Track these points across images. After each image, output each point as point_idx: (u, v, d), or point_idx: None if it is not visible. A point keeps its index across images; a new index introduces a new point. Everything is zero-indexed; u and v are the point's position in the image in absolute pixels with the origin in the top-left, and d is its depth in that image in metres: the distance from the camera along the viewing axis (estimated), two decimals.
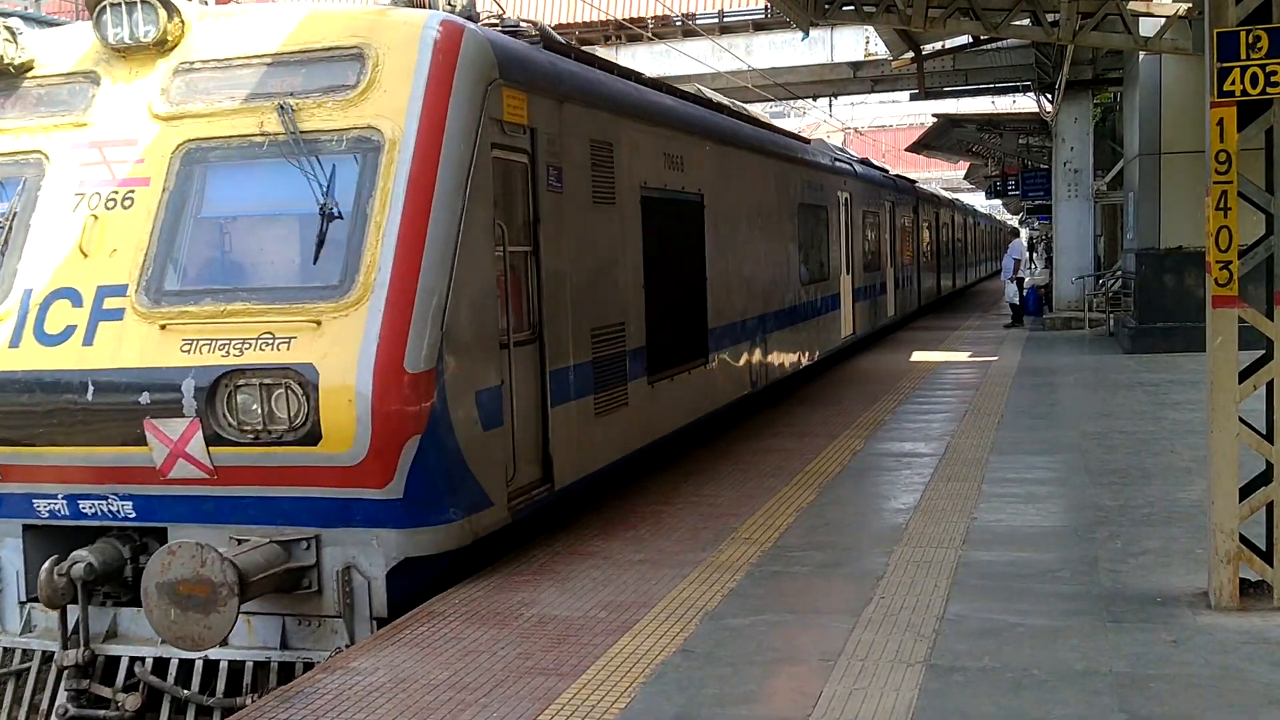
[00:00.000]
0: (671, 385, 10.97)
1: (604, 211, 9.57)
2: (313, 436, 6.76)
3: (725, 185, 12.92)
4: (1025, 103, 34.61)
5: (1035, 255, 42.86)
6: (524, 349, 8.04)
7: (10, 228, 7.45)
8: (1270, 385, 6.50)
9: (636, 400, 10.07)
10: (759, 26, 32.95)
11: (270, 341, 6.83)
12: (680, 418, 11.33)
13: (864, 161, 24.92)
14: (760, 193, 14.51)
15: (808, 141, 19.69)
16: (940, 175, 70.19)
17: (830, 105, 40.21)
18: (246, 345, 6.84)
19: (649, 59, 30.14)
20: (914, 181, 33.85)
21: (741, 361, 13.43)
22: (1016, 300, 27.97)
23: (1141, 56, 19.27)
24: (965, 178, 63.59)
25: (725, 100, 15.68)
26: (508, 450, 7.66)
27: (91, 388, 6.94)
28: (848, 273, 19.90)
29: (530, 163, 8.29)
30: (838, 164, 19.93)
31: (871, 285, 22.45)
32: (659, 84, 12.16)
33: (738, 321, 13.22)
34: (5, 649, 7.39)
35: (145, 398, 6.88)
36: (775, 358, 15.04)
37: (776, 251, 15.13)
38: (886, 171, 27.96)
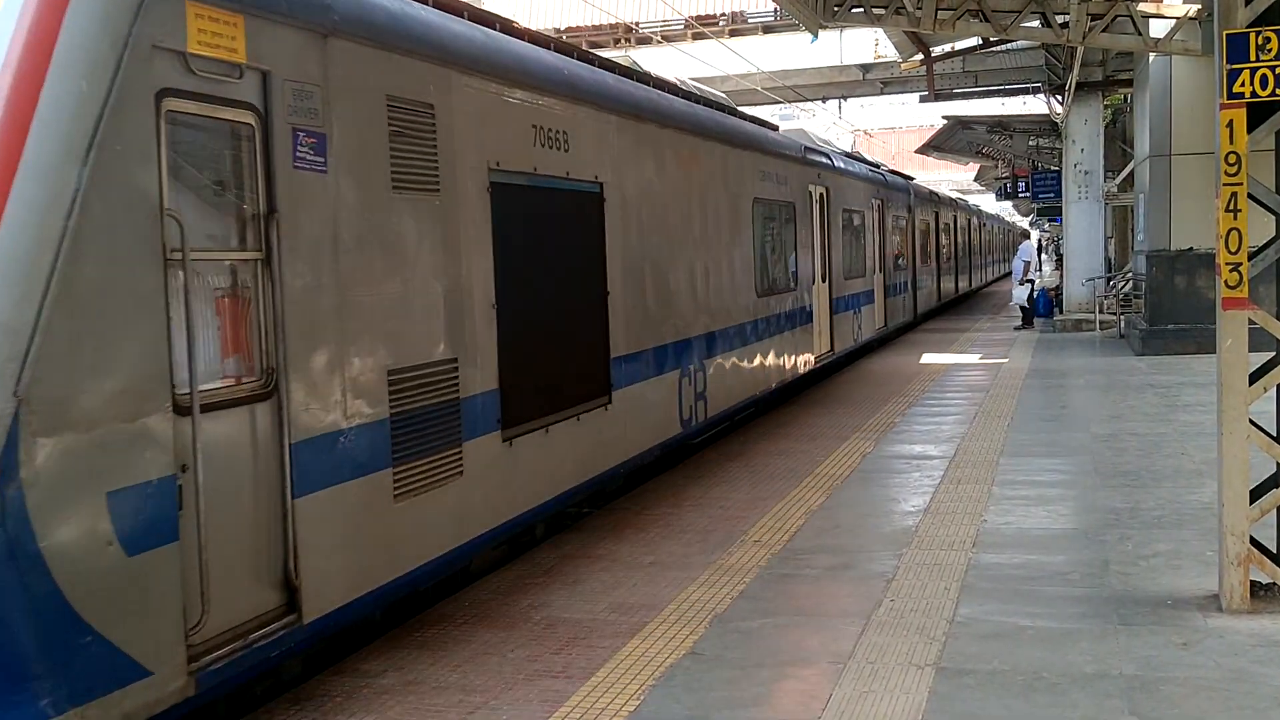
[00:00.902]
0: (546, 439, 8.23)
1: (416, 203, 6.75)
2: None
3: (642, 174, 10.24)
4: (1035, 104, 34.54)
5: (1045, 257, 42.79)
6: (239, 411, 5.35)
7: None
8: None
9: (480, 465, 7.25)
10: (768, 29, 32.96)
11: None
12: (563, 480, 8.52)
13: (851, 155, 22.72)
14: (699, 185, 11.77)
15: (773, 128, 16.79)
16: (950, 177, 70.04)
17: (840, 108, 40.15)
18: None
19: (658, 62, 30.15)
20: (910, 178, 31.22)
21: (666, 396, 10.76)
22: (1025, 302, 27.91)
23: (1151, 58, 19.24)
24: (975, 179, 63.44)
25: (684, 84, 13.36)
26: (188, 580, 4.89)
27: None
28: (824, 280, 17.32)
29: (262, 125, 5.55)
30: (810, 155, 16.97)
31: (855, 295, 19.82)
32: (542, 38, 9.19)
33: (660, 346, 10.57)
34: None
35: None
36: (720, 387, 12.31)
37: (722, 257, 12.49)
38: (879, 167, 25.73)
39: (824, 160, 17.89)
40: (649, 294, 10.38)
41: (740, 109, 15.66)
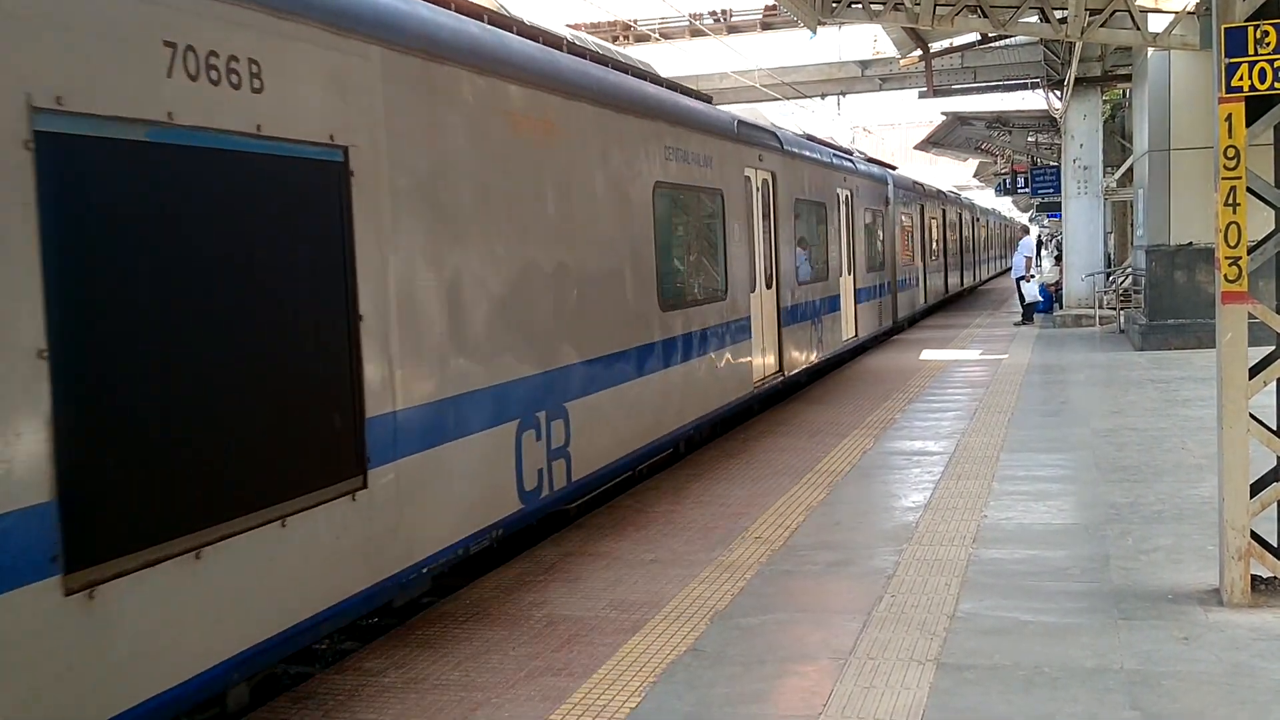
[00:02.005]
0: (191, 573, 4.96)
1: None
2: None
3: (444, 140, 7.09)
4: (1034, 100, 34.52)
5: (1045, 252, 42.78)
6: None
7: None
8: None
9: None
10: (766, 26, 32.96)
11: None
12: (243, 639, 5.26)
13: (812, 139, 19.10)
14: (555, 162, 8.61)
15: (705, 98, 13.58)
16: (949, 173, 70.06)
17: (839, 104, 40.12)
18: None
19: (656, 58, 30.14)
20: (892, 167, 28.81)
21: (491, 461, 7.54)
22: (1037, 296, 27.90)
23: (1150, 53, 19.23)
24: (975, 175, 63.43)
25: (532, 24, 9.39)
26: None
27: None
28: (769, 287, 14.53)
29: None
30: (746, 131, 13.78)
31: (815, 302, 16.73)
32: None
33: (479, 391, 7.38)
34: None
35: None
36: (596, 437, 9.17)
37: (599, 260, 9.34)
38: (852, 154, 22.86)
39: (767, 139, 14.69)
40: (458, 316, 7.14)
41: (660, 77, 12.34)
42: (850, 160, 20.89)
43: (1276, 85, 6.24)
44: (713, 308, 12.17)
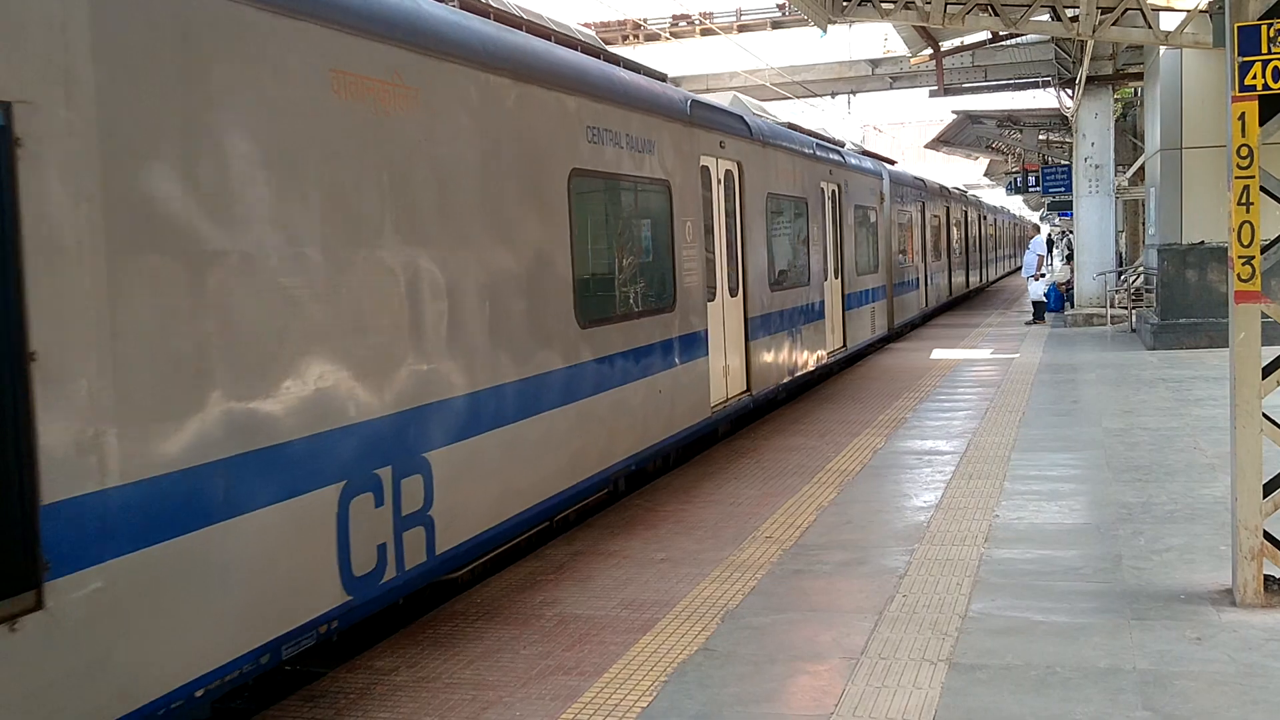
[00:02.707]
0: None
1: None
2: None
3: (190, 98, 5.09)
4: (1045, 98, 34.43)
5: (1055, 251, 42.67)
6: None
7: None
8: None
9: None
10: (776, 25, 32.94)
11: None
12: None
13: (794, 127, 17.05)
14: (405, 136, 6.60)
15: (660, 77, 11.61)
16: (960, 171, 69.95)
17: (849, 103, 40.09)
18: None
19: (666, 57, 30.21)
20: (892, 161, 26.91)
21: (295, 545, 5.60)
22: (1044, 296, 27.84)
23: (1162, 51, 19.17)
24: (985, 174, 63.31)
25: None
26: None
27: None
28: (735, 294, 12.55)
29: None
30: (700, 112, 11.66)
31: (788, 311, 14.60)
32: None
33: (264, 450, 5.39)
34: None
35: None
36: (471, 495, 7.15)
37: (474, 265, 7.27)
38: (841, 146, 20.40)
39: (731, 124, 12.68)
40: (228, 345, 5.19)
41: (596, 46, 10.63)
42: (838, 152, 18.63)
43: None
44: (655, 321, 10.10)
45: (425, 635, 6.61)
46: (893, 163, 26.61)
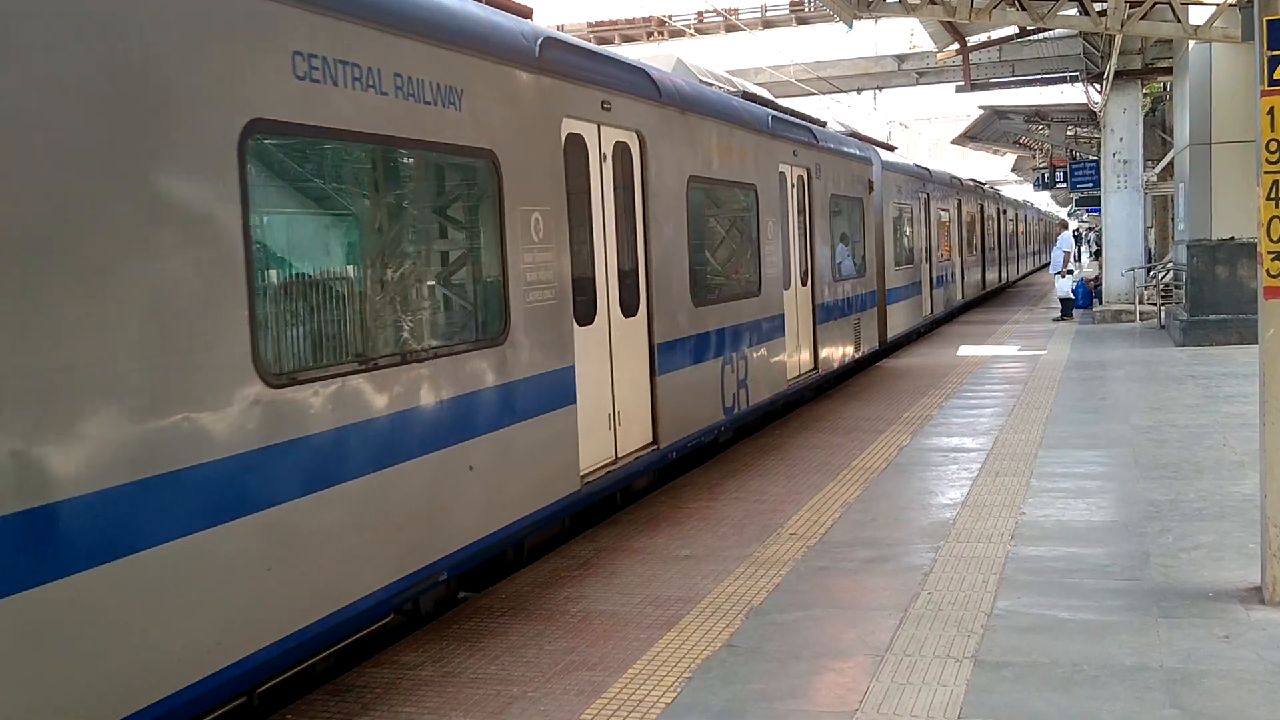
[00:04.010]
0: None
1: None
2: None
3: None
4: (1073, 93, 34.28)
5: (1083, 248, 42.40)
6: None
7: None
8: None
9: None
10: (802, 20, 32.88)
11: None
12: None
13: (751, 97, 13.81)
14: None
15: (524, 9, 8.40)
16: (987, 167, 69.66)
17: (875, 98, 39.97)
18: None
19: (690, 54, 30.21)
20: (891, 147, 23.87)
21: None
22: (1070, 293, 27.68)
23: (1191, 45, 19.02)
24: (1012, 170, 63.03)
25: None
26: None
27: None
28: (632, 314, 9.40)
29: None
30: (573, 61, 8.45)
31: (733, 330, 11.53)
32: None
33: None
34: None
35: None
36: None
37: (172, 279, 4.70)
38: (813, 122, 16.35)
39: (613, 76, 9.13)
40: None
41: None
42: (807, 129, 15.00)
43: None
44: (472, 360, 6.91)
45: (450, 631, 6.64)
46: (891, 148, 23.58)
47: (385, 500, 6.07)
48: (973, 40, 24.75)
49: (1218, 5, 16.40)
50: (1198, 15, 17.11)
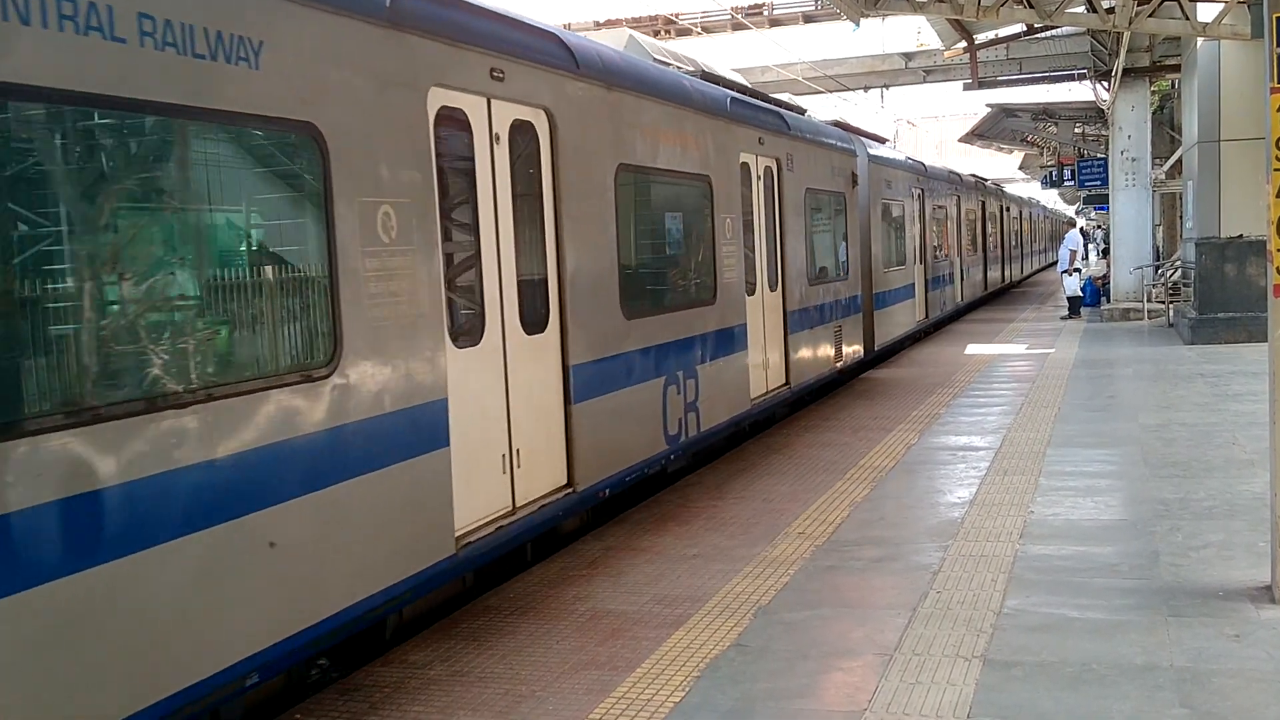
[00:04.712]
0: None
1: None
2: None
3: None
4: (1080, 91, 34.16)
5: (1090, 245, 42.30)
6: None
7: None
8: None
9: None
10: (809, 18, 32.85)
11: None
12: None
13: (712, 78, 12.28)
14: None
15: None
16: (994, 164, 69.54)
17: (882, 97, 39.92)
18: None
19: (698, 53, 30.18)
20: (880, 139, 21.93)
21: None
22: (1078, 291, 27.62)
23: (1199, 42, 18.97)
24: (1020, 167, 62.92)
25: None
26: None
27: None
28: (540, 330, 7.81)
29: None
30: (424, 9, 6.52)
31: (662, 350, 9.66)
32: None
33: None
34: None
35: None
36: None
37: None
38: (784, 106, 14.85)
39: (514, 41, 7.53)
40: None
41: None
42: (777, 115, 13.41)
43: None
44: (229, 411, 5.04)
45: (459, 630, 6.64)
46: (881, 140, 21.86)
47: (105, 608, 4.33)
48: (980, 38, 24.68)
49: (1226, 2, 16.35)
50: (1206, 12, 17.06)
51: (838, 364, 15.32)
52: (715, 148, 10.99)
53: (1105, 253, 34.16)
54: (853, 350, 16.16)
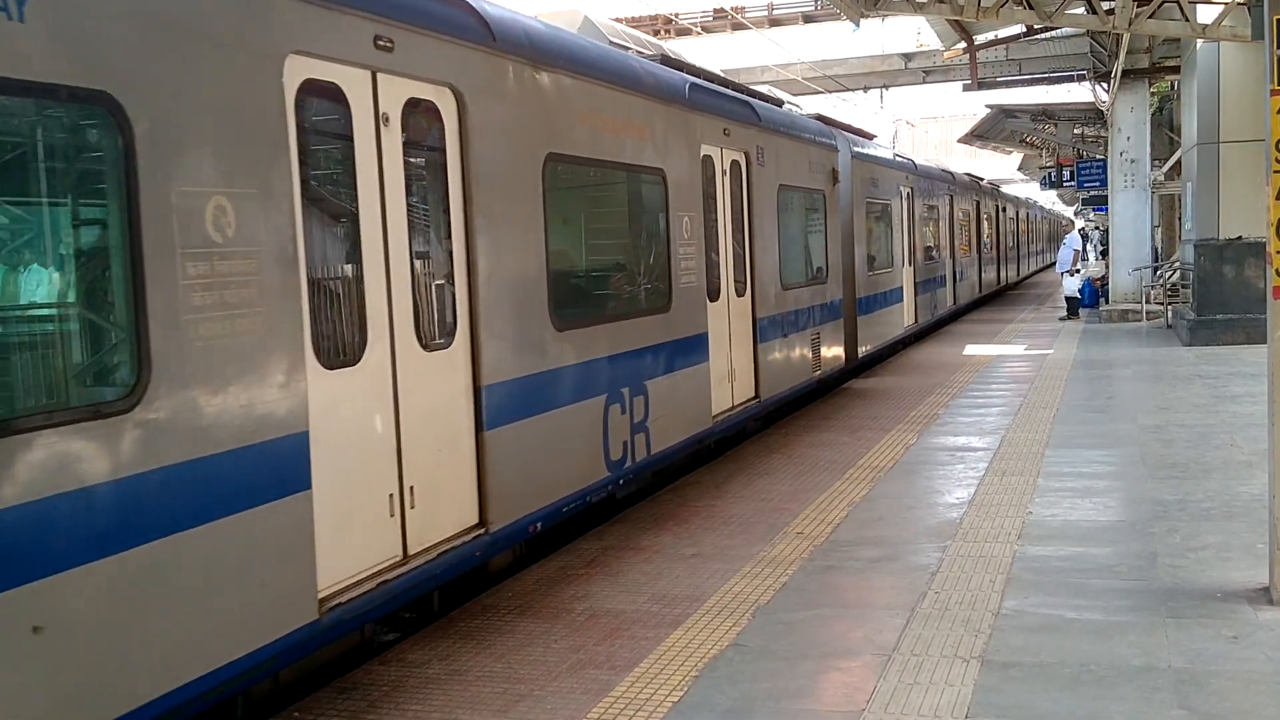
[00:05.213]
0: None
1: None
2: None
3: None
4: (1080, 92, 34.17)
5: (1090, 246, 42.29)
6: None
7: None
8: None
9: None
10: (808, 19, 32.86)
11: None
12: None
13: (668, 61, 11.12)
14: None
15: None
16: (994, 165, 69.53)
17: (881, 97, 39.92)
18: None
19: (697, 52, 30.14)
20: (868, 135, 20.80)
21: None
22: (1076, 293, 27.63)
23: (1199, 44, 18.98)
24: (1019, 169, 62.93)
25: None
26: None
27: None
28: (438, 343, 6.63)
29: None
30: None
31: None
32: None
33: None
34: None
35: None
36: None
37: None
38: (750, 93, 13.81)
39: (409, 4, 6.47)
40: None
41: None
42: (747, 106, 12.31)
43: None
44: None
45: (457, 629, 6.64)
46: (869, 136, 20.79)
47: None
48: (980, 39, 24.69)
49: (1226, 4, 16.36)
50: (1206, 14, 17.06)
51: (815, 373, 14.28)
52: (671, 138, 9.94)
53: (1104, 253, 34.18)
54: (833, 358, 15.15)
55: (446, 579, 6.63)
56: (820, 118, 17.40)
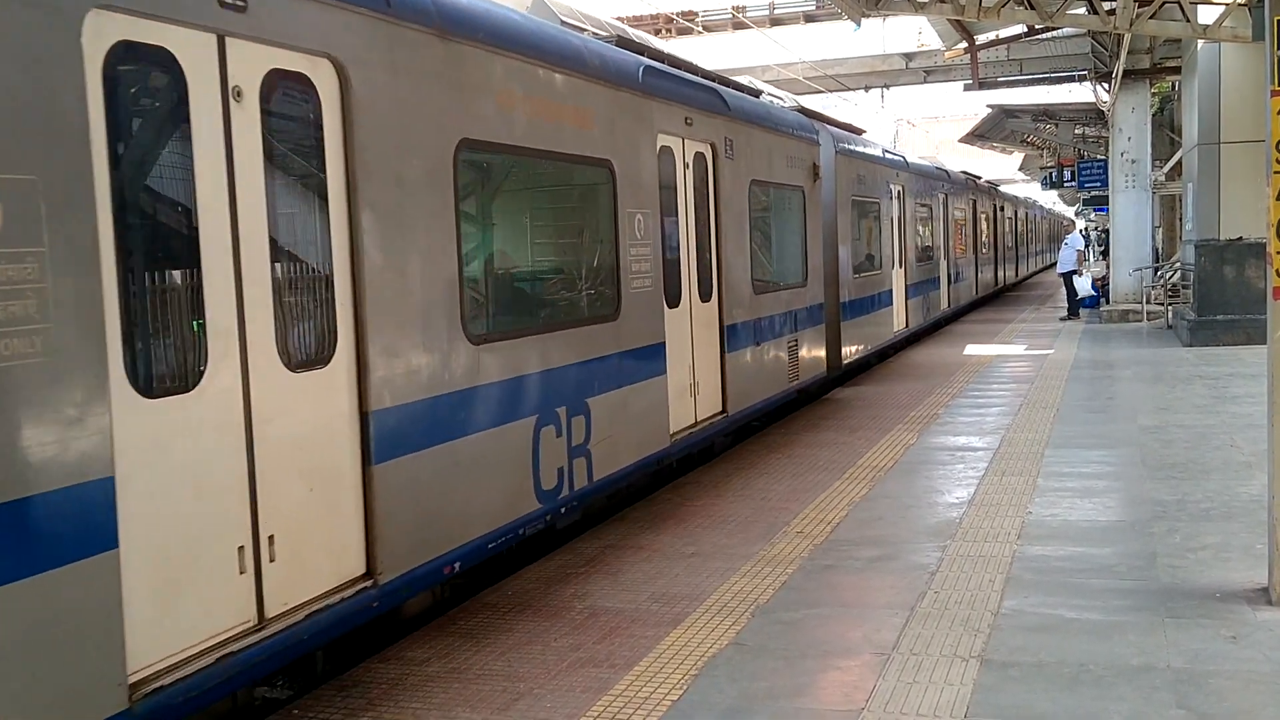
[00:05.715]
0: None
1: None
2: None
3: None
4: (1081, 92, 34.17)
5: (1090, 247, 42.29)
6: None
7: None
8: None
9: None
10: (810, 18, 32.86)
11: None
12: None
13: (625, 42, 10.10)
14: None
15: None
16: (995, 165, 69.52)
17: (882, 97, 39.92)
18: None
19: (698, 52, 30.12)
20: (858, 130, 19.88)
21: None
22: (1092, 289, 27.60)
23: (1200, 44, 18.99)
24: (1020, 169, 62.93)
25: None
26: None
27: None
28: (314, 363, 5.55)
29: None
30: None
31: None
32: None
33: None
34: None
35: None
36: None
37: None
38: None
39: None
40: None
41: None
42: (713, 94, 11.19)
43: None
44: None
45: (457, 627, 6.65)
46: (858, 131, 19.71)
47: None
48: (981, 39, 24.68)
49: (1227, 4, 16.36)
50: (1207, 15, 17.06)
51: (794, 383, 13.31)
52: (621, 126, 8.84)
53: (1104, 254, 34.18)
54: (813, 366, 14.18)
55: (324, 641, 5.58)
56: (802, 110, 16.25)
